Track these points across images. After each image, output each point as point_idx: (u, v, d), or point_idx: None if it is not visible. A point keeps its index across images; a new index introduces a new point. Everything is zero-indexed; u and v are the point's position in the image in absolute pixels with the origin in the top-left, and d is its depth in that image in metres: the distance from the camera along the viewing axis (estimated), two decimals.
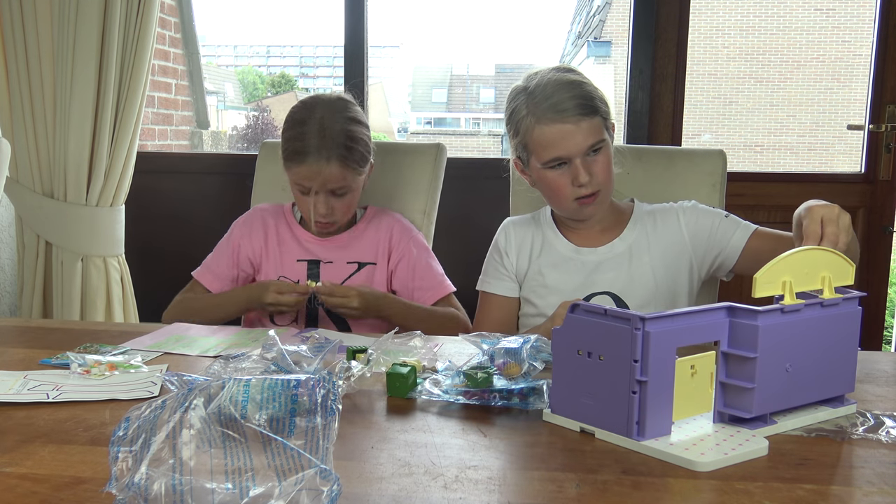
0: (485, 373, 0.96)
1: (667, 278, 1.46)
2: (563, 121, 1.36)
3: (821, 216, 1.10)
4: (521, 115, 1.41)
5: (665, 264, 1.47)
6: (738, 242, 1.44)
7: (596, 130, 1.38)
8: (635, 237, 1.48)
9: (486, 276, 1.56)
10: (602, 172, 1.40)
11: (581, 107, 1.37)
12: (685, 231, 1.48)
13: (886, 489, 0.74)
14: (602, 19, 11.12)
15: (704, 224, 1.47)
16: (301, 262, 1.65)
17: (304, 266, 1.64)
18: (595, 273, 1.47)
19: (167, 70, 3.97)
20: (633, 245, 1.47)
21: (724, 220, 1.46)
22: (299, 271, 1.64)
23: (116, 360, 1.11)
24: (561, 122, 1.36)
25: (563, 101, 1.37)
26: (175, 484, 0.59)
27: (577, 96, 1.38)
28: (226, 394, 0.65)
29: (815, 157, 9.23)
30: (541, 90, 1.39)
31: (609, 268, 1.47)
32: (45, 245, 2.39)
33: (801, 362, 0.89)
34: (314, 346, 1.00)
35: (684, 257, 1.48)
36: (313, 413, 0.66)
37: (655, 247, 1.47)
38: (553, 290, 1.48)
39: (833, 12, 9.23)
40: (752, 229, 1.45)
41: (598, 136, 1.38)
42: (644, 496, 0.72)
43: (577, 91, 1.38)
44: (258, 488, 0.60)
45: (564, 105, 1.36)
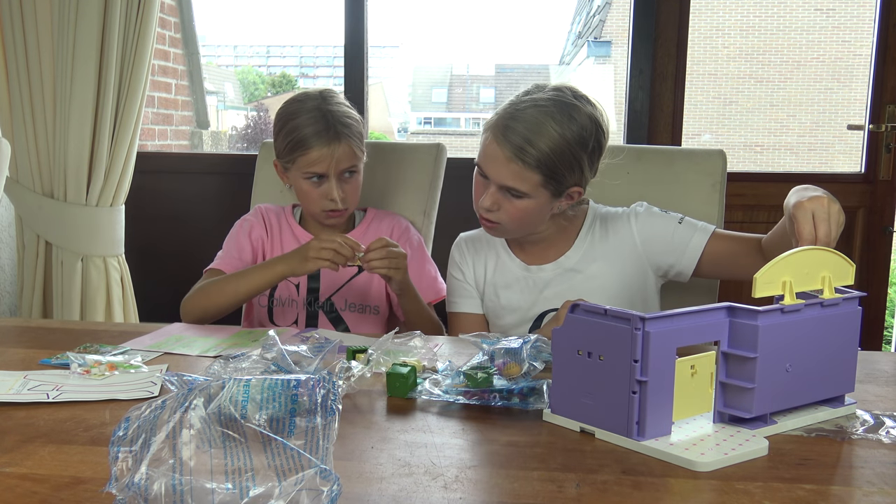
0: (485, 373, 0.96)
1: (622, 288, 1.42)
2: (498, 144, 1.30)
3: (812, 213, 1.05)
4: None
5: (618, 273, 1.42)
6: (695, 248, 1.38)
7: (520, 177, 1.30)
8: (585, 249, 1.44)
9: (452, 296, 1.54)
10: (508, 213, 1.34)
11: (518, 148, 1.29)
12: (637, 237, 1.43)
13: (886, 489, 0.74)
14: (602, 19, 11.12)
15: (658, 229, 1.42)
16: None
17: None
18: (546, 290, 1.44)
19: (167, 70, 3.97)
20: (583, 258, 1.43)
21: (678, 226, 1.40)
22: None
23: (116, 360, 1.11)
24: (495, 144, 1.31)
25: (510, 130, 1.30)
26: (175, 484, 0.59)
27: (520, 142, 1.29)
28: (226, 394, 0.65)
29: (815, 157, 9.23)
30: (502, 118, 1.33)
31: (559, 283, 1.43)
32: (45, 245, 2.39)
33: (801, 362, 0.89)
34: (314, 346, 1.00)
35: (638, 264, 1.43)
36: (313, 413, 0.66)
37: (607, 257, 1.43)
38: (508, 310, 1.46)
39: (833, 12, 9.22)
40: (709, 232, 1.39)
41: (519, 182, 1.30)
42: (644, 496, 0.72)
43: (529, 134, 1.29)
44: (258, 488, 0.60)
45: (508, 134, 1.30)
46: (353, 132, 1.55)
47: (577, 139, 1.31)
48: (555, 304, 1.42)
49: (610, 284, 1.42)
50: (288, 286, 1.62)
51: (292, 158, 1.54)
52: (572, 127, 1.30)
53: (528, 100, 1.33)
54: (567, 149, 1.30)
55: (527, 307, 1.45)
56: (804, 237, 1.03)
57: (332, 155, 1.52)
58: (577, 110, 1.32)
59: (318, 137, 1.51)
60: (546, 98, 1.32)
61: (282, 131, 1.56)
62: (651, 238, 1.42)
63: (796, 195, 1.11)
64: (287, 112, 1.57)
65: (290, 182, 1.60)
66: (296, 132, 1.53)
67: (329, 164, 1.52)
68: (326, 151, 1.51)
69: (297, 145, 1.52)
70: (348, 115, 1.56)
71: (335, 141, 1.51)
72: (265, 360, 0.94)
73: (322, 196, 1.55)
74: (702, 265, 1.39)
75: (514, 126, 1.30)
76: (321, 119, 1.52)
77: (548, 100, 1.32)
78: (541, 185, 1.31)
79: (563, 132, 1.30)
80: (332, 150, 1.51)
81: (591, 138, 1.32)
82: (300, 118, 1.53)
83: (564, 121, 1.30)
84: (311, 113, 1.53)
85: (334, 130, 1.52)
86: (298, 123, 1.53)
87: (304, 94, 1.59)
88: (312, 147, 1.51)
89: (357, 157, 1.56)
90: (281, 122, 1.57)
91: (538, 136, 1.29)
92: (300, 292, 1.62)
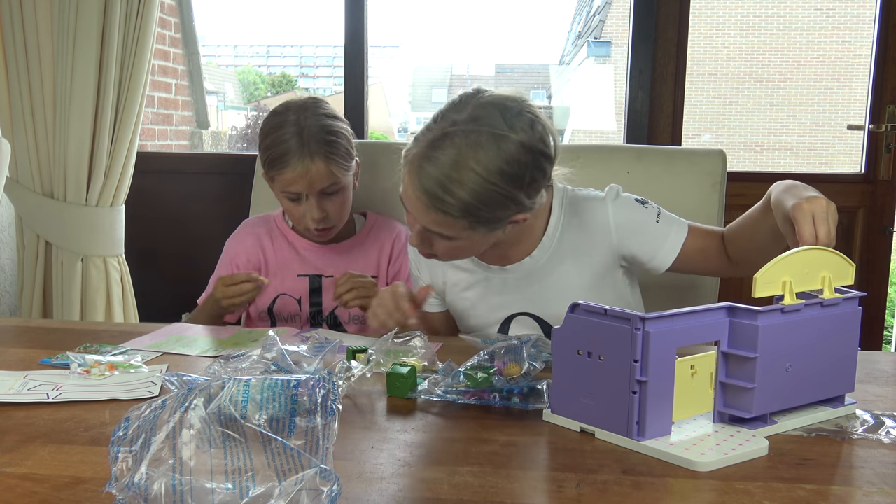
0: (485, 373, 0.96)
1: (593, 283, 1.31)
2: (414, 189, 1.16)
3: (812, 214, 1.02)
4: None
5: (587, 272, 1.31)
6: (673, 246, 1.29)
7: (444, 224, 1.16)
8: (553, 248, 1.30)
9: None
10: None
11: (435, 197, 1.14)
12: (612, 224, 1.30)
13: (886, 489, 0.74)
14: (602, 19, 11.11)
15: (636, 222, 1.30)
16: (302, 277, 1.60)
17: (304, 282, 1.59)
18: (511, 293, 1.33)
19: (167, 70, 3.97)
20: (551, 259, 1.31)
21: (656, 222, 1.30)
22: (301, 288, 1.59)
23: (116, 360, 1.11)
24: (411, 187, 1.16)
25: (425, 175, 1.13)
26: (175, 484, 0.59)
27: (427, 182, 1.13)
28: (226, 394, 0.65)
29: (815, 157, 9.23)
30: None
31: (525, 286, 1.32)
32: (45, 245, 2.39)
33: (801, 362, 0.89)
34: (314, 346, 1.00)
35: (608, 255, 1.31)
36: (313, 413, 0.66)
37: (577, 253, 1.31)
38: (470, 313, 1.37)
39: (833, 12, 9.22)
40: (686, 230, 1.31)
41: (444, 228, 1.17)
42: (644, 496, 0.72)
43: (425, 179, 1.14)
44: (258, 488, 0.60)
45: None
46: (335, 148, 1.48)
47: (506, 177, 1.11)
48: (521, 308, 1.32)
49: (580, 285, 1.31)
50: (289, 302, 1.58)
51: (271, 176, 1.50)
52: (498, 163, 1.10)
53: (447, 129, 1.12)
54: (494, 190, 1.12)
55: (490, 310, 1.35)
56: (805, 238, 1.02)
57: (307, 174, 1.46)
58: (504, 141, 1.11)
59: (292, 156, 1.45)
60: (466, 129, 1.11)
61: (262, 145, 1.52)
62: (628, 229, 1.30)
63: (790, 194, 1.08)
64: (268, 126, 1.51)
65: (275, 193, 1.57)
66: (272, 149, 1.48)
67: (304, 183, 1.46)
68: (301, 171, 1.45)
69: (274, 163, 1.48)
70: (330, 128, 1.49)
71: (311, 160, 1.45)
72: (265, 360, 0.94)
73: (304, 214, 1.51)
74: (675, 262, 1.30)
75: (428, 170, 1.12)
76: (297, 136, 1.46)
77: (469, 132, 1.11)
78: (469, 228, 1.16)
79: (486, 174, 1.10)
80: (306, 169, 1.45)
81: (525, 171, 1.13)
82: (278, 133, 1.48)
83: (489, 158, 1.10)
84: (290, 128, 1.47)
85: (309, 149, 1.45)
86: (276, 139, 1.48)
87: (286, 105, 1.52)
88: (287, 165, 1.46)
89: (336, 175, 1.49)
90: (262, 135, 1.52)
91: (456, 184, 1.10)
92: (303, 307, 1.59)
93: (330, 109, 1.54)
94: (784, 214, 1.07)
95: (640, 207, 1.32)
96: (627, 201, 1.32)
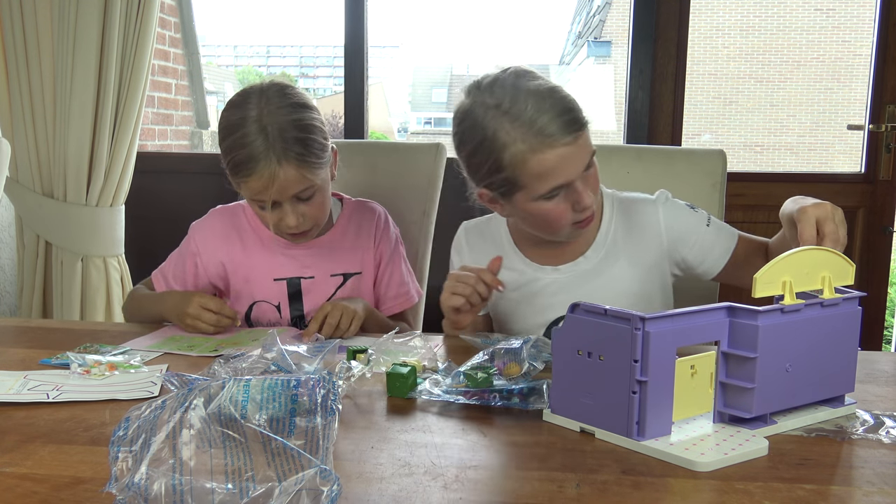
0: (485, 373, 0.96)
1: (642, 292, 1.30)
2: (563, 143, 1.13)
3: (815, 218, 1.04)
4: (502, 143, 1.14)
5: (641, 274, 1.30)
6: (723, 252, 1.29)
7: (588, 143, 1.17)
8: (608, 247, 1.30)
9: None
10: (596, 187, 1.22)
11: (575, 122, 1.14)
12: (664, 228, 1.30)
13: (886, 489, 0.74)
14: (602, 19, 11.12)
15: (687, 226, 1.30)
16: (279, 281, 1.44)
17: (282, 286, 1.44)
18: (560, 294, 1.29)
19: (167, 70, 3.97)
20: (605, 258, 1.30)
21: (707, 227, 1.30)
22: (278, 293, 1.44)
23: (116, 360, 1.11)
24: (561, 146, 1.13)
25: (554, 119, 1.12)
26: (175, 484, 0.59)
27: (567, 109, 1.14)
28: (226, 394, 0.65)
29: (815, 157, 9.23)
30: (522, 108, 1.13)
31: (575, 287, 1.29)
32: (45, 245, 2.39)
33: (801, 362, 0.89)
34: (314, 346, 1.00)
35: (660, 259, 1.31)
36: (313, 413, 0.66)
37: (630, 255, 1.30)
38: (513, 315, 1.32)
39: (833, 12, 9.22)
40: (735, 238, 1.31)
41: (590, 148, 1.18)
42: (644, 496, 0.72)
43: (563, 102, 1.14)
44: (258, 488, 0.60)
45: (557, 123, 1.12)
46: (307, 147, 1.29)
47: (557, 84, 1.21)
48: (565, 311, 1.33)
49: (631, 288, 1.29)
50: (267, 309, 1.45)
51: (235, 180, 1.32)
52: (542, 76, 1.21)
53: (507, 93, 1.16)
54: (564, 90, 1.21)
55: (536, 312, 1.31)
56: (805, 238, 1.03)
57: (275, 181, 1.27)
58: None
59: (257, 162, 1.26)
60: (506, 74, 1.19)
61: (222, 145, 1.31)
62: (678, 233, 1.30)
63: (796, 203, 1.10)
64: (227, 122, 1.31)
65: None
66: (234, 152, 1.28)
67: (273, 191, 1.28)
68: (268, 179, 1.26)
69: (237, 169, 1.29)
70: (299, 123, 1.29)
71: (279, 164, 1.26)
72: (265, 360, 0.94)
73: (279, 220, 1.34)
74: (724, 269, 1.30)
75: (544, 112, 1.14)
76: (261, 135, 1.26)
77: (509, 74, 1.19)
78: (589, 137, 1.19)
79: (551, 82, 1.19)
80: (274, 176, 1.26)
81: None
82: (239, 133, 1.28)
83: (534, 73, 1.21)
84: (251, 126, 1.27)
85: (275, 152, 1.26)
86: (237, 141, 1.28)
87: (245, 95, 1.31)
88: (253, 172, 1.27)
89: (310, 179, 1.30)
90: (221, 132, 1.32)
91: (558, 99, 1.16)
92: (283, 314, 1.45)
93: (298, 96, 1.33)
94: (789, 219, 1.09)
95: (690, 211, 1.32)
96: (677, 205, 1.33)
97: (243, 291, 1.46)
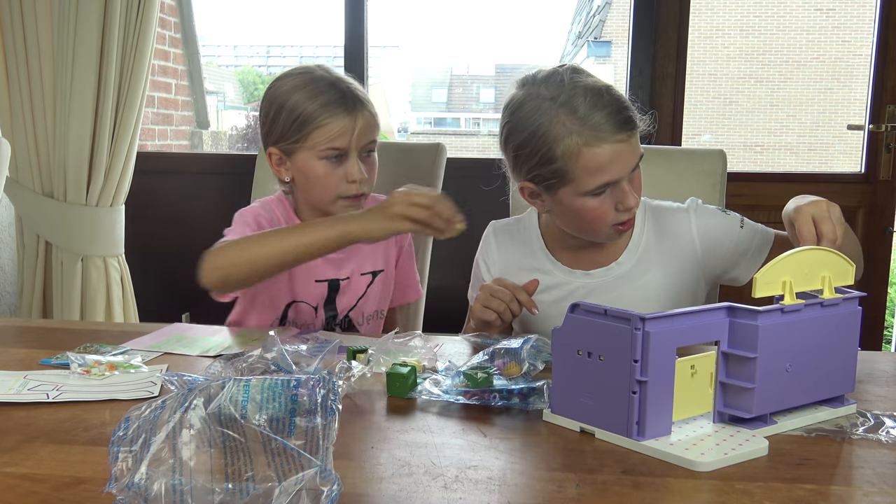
0: (485, 373, 0.96)
1: (673, 293, 1.28)
2: (616, 139, 1.14)
3: (811, 215, 1.03)
4: (556, 135, 1.14)
5: (673, 282, 1.29)
6: (757, 255, 1.27)
7: (638, 145, 1.19)
8: (640, 254, 1.29)
9: (473, 288, 1.39)
10: (640, 190, 1.22)
11: (629, 121, 1.16)
12: (696, 236, 1.29)
13: (886, 489, 0.74)
14: (602, 19, 11.12)
15: (720, 231, 1.29)
16: (321, 282, 1.43)
17: (323, 288, 1.43)
18: (590, 299, 1.27)
19: (167, 70, 3.97)
20: (638, 264, 1.28)
21: (740, 231, 1.28)
22: (318, 294, 1.43)
23: (116, 360, 1.11)
24: (615, 142, 1.14)
25: (610, 116, 1.14)
26: (175, 484, 0.59)
27: (623, 107, 1.16)
28: (226, 394, 0.65)
29: (815, 157, 9.24)
30: (579, 102, 1.14)
31: (606, 292, 1.28)
32: (45, 245, 2.39)
33: (801, 362, 0.89)
34: (314, 346, 1.00)
35: (693, 268, 1.30)
36: (313, 413, 0.66)
37: (663, 262, 1.29)
38: (538, 320, 1.27)
39: (833, 12, 9.23)
40: (771, 238, 1.28)
41: (639, 150, 1.19)
42: (644, 496, 0.72)
43: (619, 101, 1.17)
44: (258, 488, 0.60)
45: (613, 120, 1.14)
46: (370, 102, 1.37)
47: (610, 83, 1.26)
48: None
49: (662, 296, 1.27)
50: (305, 310, 1.43)
51: (303, 136, 1.32)
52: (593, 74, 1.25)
53: (564, 88, 1.18)
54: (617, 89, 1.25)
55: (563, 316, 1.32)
56: (804, 237, 1.03)
57: (355, 126, 1.31)
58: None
59: (336, 106, 1.31)
60: (562, 70, 1.22)
61: (283, 109, 1.33)
62: (712, 240, 1.28)
63: (793, 203, 1.10)
64: (287, 87, 1.34)
65: (289, 173, 1.37)
66: (304, 104, 1.31)
67: (351, 136, 1.31)
68: (348, 122, 1.31)
69: (310, 118, 1.30)
70: (359, 85, 1.38)
71: (355, 111, 1.32)
72: (265, 360, 0.94)
73: (341, 178, 1.33)
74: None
75: (601, 108, 1.15)
76: (333, 88, 1.32)
77: (565, 70, 1.21)
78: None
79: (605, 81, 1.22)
80: (353, 120, 1.31)
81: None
82: (308, 88, 1.32)
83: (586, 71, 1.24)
84: (321, 82, 1.33)
85: (353, 98, 1.32)
86: (307, 94, 1.31)
87: (300, 68, 1.38)
88: (332, 117, 1.30)
89: (376, 132, 1.36)
90: (280, 99, 1.34)
91: (614, 96, 1.19)
92: (318, 315, 1.44)
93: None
94: (788, 219, 1.09)
95: (721, 214, 1.31)
96: (708, 210, 1.32)
97: (283, 290, 1.42)
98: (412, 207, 1.14)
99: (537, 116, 1.16)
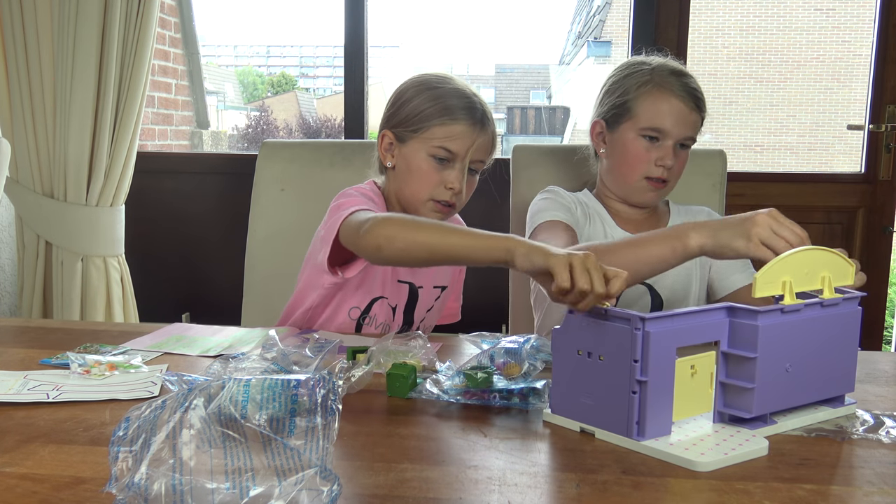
0: (485, 373, 0.96)
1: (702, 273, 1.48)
2: (682, 101, 1.40)
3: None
4: (636, 81, 1.43)
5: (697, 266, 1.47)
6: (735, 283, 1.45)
7: (696, 127, 1.44)
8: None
9: (545, 211, 1.44)
10: (679, 168, 1.44)
11: (698, 100, 1.42)
12: None
13: (886, 489, 0.74)
14: (602, 19, 11.12)
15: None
16: (403, 283, 1.42)
17: (404, 290, 1.43)
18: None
19: (167, 70, 3.97)
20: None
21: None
22: (399, 295, 1.42)
23: (116, 360, 1.11)
24: (680, 101, 1.40)
25: (684, 87, 1.41)
26: (175, 484, 0.59)
27: (695, 90, 1.43)
28: (226, 394, 0.65)
29: (815, 157, 9.24)
30: (668, 70, 1.43)
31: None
32: (45, 245, 2.39)
33: (801, 362, 0.89)
34: (314, 346, 1.00)
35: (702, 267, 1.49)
36: (313, 413, 0.66)
37: None
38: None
39: (833, 12, 9.23)
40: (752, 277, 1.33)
41: (695, 132, 1.44)
42: (644, 496, 0.72)
43: (694, 85, 1.44)
44: (258, 488, 0.60)
45: (685, 90, 1.41)
46: (495, 126, 1.40)
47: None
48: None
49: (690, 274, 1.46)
50: (386, 308, 1.41)
51: (423, 128, 1.33)
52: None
53: (661, 63, 1.46)
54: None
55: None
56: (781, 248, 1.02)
57: (475, 138, 1.34)
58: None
59: (465, 113, 1.33)
60: (665, 60, 1.49)
61: (416, 97, 1.35)
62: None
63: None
64: (430, 83, 1.38)
65: (394, 160, 1.38)
66: (443, 99, 1.34)
67: (469, 146, 1.33)
68: (470, 132, 1.33)
69: (437, 114, 1.33)
70: (490, 109, 1.41)
71: (482, 126, 1.35)
72: (265, 360, 0.94)
73: (440, 182, 1.34)
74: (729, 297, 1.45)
75: (682, 79, 1.43)
76: (469, 99, 1.36)
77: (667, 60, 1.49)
78: (698, 130, 1.47)
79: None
80: (476, 133, 1.34)
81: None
82: (448, 87, 1.36)
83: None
84: (460, 91, 1.36)
85: (483, 115, 1.36)
86: (447, 92, 1.35)
87: (445, 74, 1.42)
88: (457, 121, 1.33)
89: (490, 155, 1.39)
90: (418, 88, 1.37)
91: (695, 84, 1.45)
92: (396, 318, 1.43)
93: None
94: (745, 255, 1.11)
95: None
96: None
97: (367, 282, 1.37)
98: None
99: (633, 71, 1.46)
